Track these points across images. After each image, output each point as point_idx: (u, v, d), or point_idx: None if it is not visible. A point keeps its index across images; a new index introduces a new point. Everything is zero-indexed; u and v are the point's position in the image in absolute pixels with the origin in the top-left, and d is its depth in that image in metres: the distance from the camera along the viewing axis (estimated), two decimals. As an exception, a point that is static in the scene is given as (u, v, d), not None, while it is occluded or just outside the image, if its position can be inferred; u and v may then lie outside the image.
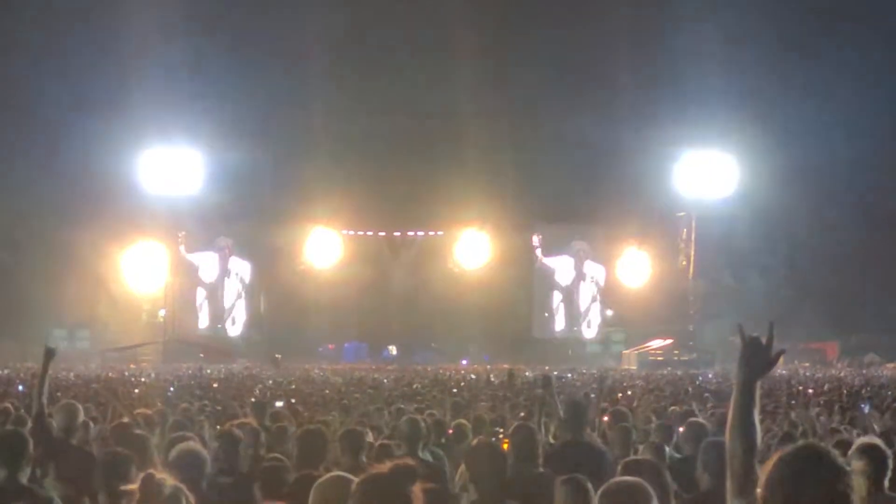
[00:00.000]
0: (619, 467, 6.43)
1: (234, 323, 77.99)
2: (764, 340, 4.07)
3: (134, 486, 4.00)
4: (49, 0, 68.55)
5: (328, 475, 4.66)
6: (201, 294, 77.20)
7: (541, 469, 7.42)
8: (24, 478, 6.12)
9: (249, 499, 7.01)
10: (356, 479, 3.92)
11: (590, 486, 5.88)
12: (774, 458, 3.33)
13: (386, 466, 3.85)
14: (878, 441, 7.06)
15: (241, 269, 77.96)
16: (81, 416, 8.70)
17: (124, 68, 66.05)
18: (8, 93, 66.18)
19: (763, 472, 3.33)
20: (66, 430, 8.34)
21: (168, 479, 4.01)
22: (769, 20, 69.05)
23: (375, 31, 71.85)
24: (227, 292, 77.79)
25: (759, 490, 3.33)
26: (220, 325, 77.45)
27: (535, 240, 78.38)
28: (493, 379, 36.81)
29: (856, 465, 6.01)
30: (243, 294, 78.18)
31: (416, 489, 3.77)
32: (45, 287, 64.48)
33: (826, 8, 70.53)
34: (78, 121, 64.64)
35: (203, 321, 77.47)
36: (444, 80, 69.27)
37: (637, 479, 4.34)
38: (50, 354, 8.65)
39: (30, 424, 8.01)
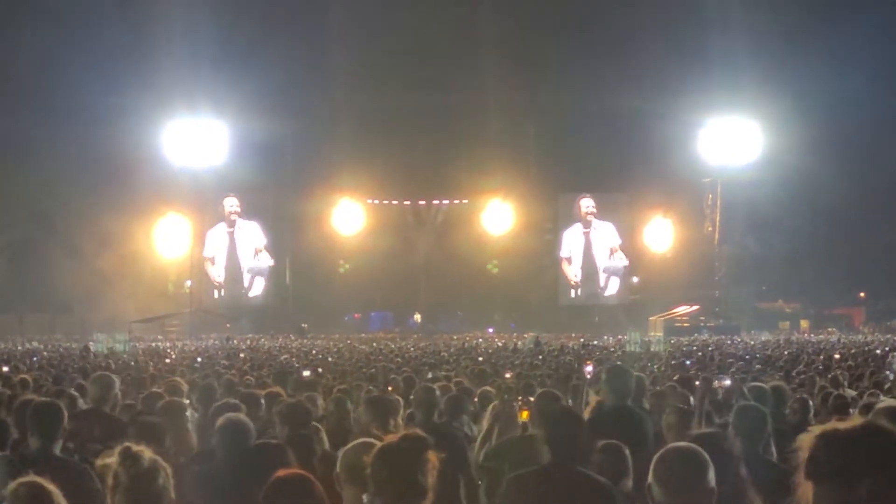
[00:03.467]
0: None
1: (253, 280, 78.04)
2: None
3: (111, 460, 3.99)
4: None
5: (355, 442, 4.74)
6: (220, 262, 77.31)
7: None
8: (57, 448, 6.16)
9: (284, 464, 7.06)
10: (376, 448, 4.01)
11: (627, 451, 5.95)
12: (819, 438, 2.70)
13: (396, 436, 3.97)
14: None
15: (252, 230, 77.68)
16: (116, 387, 8.78)
17: (151, 39, 66.04)
18: (34, 65, 66.32)
19: (808, 458, 2.71)
20: (100, 401, 8.45)
21: (146, 452, 4.01)
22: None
23: (401, 3, 71.54)
24: (242, 254, 77.79)
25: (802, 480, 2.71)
26: (240, 290, 77.60)
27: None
28: (519, 346, 36.94)
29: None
30: (260, 256, 78.04)
31: (431, 455, 3.86)
32: (71, 258, 64.77)
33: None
34: (104, 91, 64.66)
35: (222, 289, 77.70)
36: (468, 51, 68.96)
37: (693, 446, 4.24)
38: None
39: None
